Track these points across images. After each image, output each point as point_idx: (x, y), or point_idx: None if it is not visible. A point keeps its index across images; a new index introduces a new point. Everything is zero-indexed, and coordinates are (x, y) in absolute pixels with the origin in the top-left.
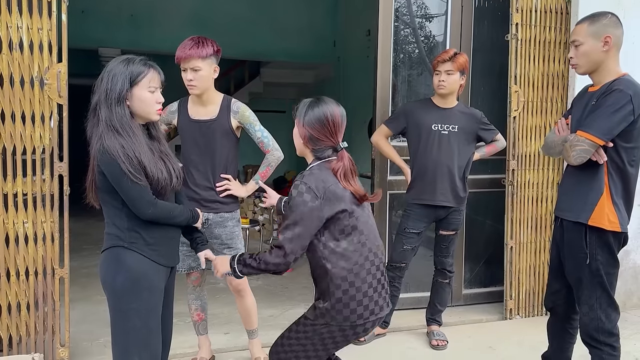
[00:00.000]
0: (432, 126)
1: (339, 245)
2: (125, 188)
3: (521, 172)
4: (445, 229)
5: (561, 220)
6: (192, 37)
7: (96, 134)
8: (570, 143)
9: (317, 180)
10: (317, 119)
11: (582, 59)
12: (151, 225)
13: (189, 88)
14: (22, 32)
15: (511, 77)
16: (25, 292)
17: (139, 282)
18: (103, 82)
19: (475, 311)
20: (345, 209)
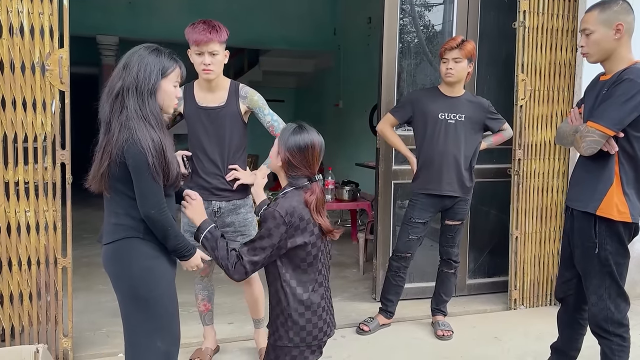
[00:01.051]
0: (439, 115)
1: (299, 273)
2: (143, 182)
3: (527, 162)
4: (452, 218)
5: (572, 210)
6: (202, 20)
7: (120, 123)
8: (581, 134)
9: (289, 207)
10: (298, 146)
11: (593, 47)
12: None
13: (205, 73)
14: (22, 17)
15: (518, 65)
16: (28, 282)
17: (158, 270)
18: (132, 69)
19: (480, 301)
20: (309, 242)
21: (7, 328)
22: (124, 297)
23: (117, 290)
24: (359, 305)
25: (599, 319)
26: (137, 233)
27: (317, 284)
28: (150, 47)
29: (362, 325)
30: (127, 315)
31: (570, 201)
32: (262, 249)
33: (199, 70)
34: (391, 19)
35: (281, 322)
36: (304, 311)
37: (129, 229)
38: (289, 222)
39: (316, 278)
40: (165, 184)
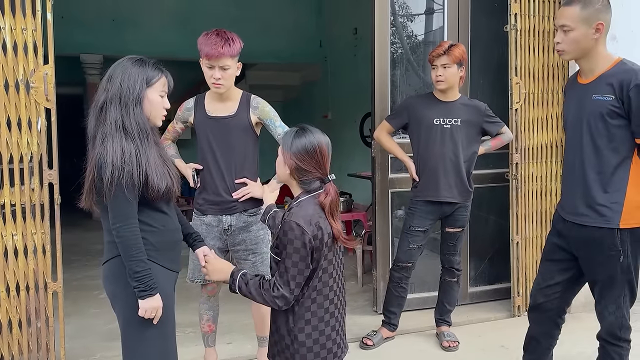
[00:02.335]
0: (434, 120)
1: (307, 288)
2: (108, 194)
3: (525, 166)
4: (452, 226)
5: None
6: (216, 31)
7: (101, 135)
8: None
9: (306, 215)
10: (305, 149)
11: (571, 45)
12: (157, 230)
13: (215, 87)
14: (4, 33)
15: (511, 69)
16: (17, 309)
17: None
18: (115, 80)
19: (483, 309)
20: (323, 255)
21: None
22: (119, 317)
23: (114, 309)
24: (359, 319)
25: (615, 328)
26: None
27: (327, 300)
28: (134, 58)
29: (365, 340)
30: (124, 338)
31: (574, 215)
32: (290, 266)
33: (209, 83)
34: (382, 27)
35: (286, 344)
36: (311, 332)
37: None
38: (311, 232)
39: (327, 294)
40: (150, 197)
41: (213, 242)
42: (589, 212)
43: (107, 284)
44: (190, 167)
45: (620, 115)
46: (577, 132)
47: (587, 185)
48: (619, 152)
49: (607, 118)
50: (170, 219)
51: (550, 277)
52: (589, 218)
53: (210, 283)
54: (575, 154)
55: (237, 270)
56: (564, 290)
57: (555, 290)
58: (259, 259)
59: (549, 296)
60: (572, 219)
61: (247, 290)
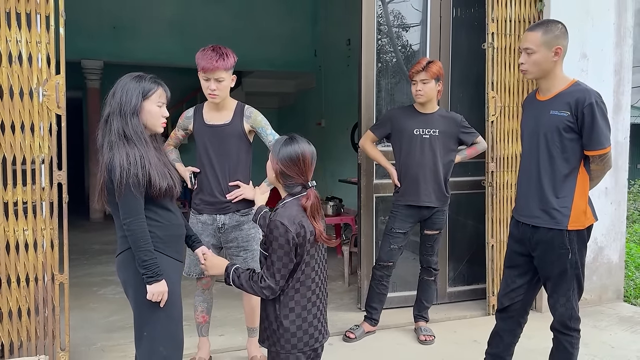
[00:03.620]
0: (414, 131)
1: (292, 280)
2: (117, 193)
3: (500, 174)
4: (430, 228)
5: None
6: (212, 46)
7: (107, 143)
8: (605, 163)
9: (289, 215)
10: (289, 157)
11: (533, 66)
12: (163, 224)
13: (211, 97)
14: (21, 46)
15: (488, 84)
16: (26, 298)
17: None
18: (116, 95)
19: (460, 308)
20: (306, 250)
21: (6, 343)
22: (131, 300)
23: (127, 294)
24: (344, 315)
25: (566, 318)
26: None
27: (310, 291)
28: (133, 74)
29: (348, 333)
30: (135, 320)
31: (529, 217)
32: (275, 260)
33: (206, 93)
34: (369, 40)
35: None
36: (295, 318)
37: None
38: (294, 230)
39: (310, 285)
40: (153, 195)
41: (208, 239)
42: (542, 214)
43: (120, 272)
44: (188, 170)
45: (573, 130)
46: (534, 143)
47: (541, 190)
48: (569, 162)
49: (562, 132)
50: (175, 216)
51: (512, 282)
52: (541, 220)
53: (205, 277)
54: (531, 162)
55: (231, 265)
56: (525, 292)
57: (518, 293)
58: (250, 255)
59: (513, 299)
60: (527, 221)
61: (239, 282)
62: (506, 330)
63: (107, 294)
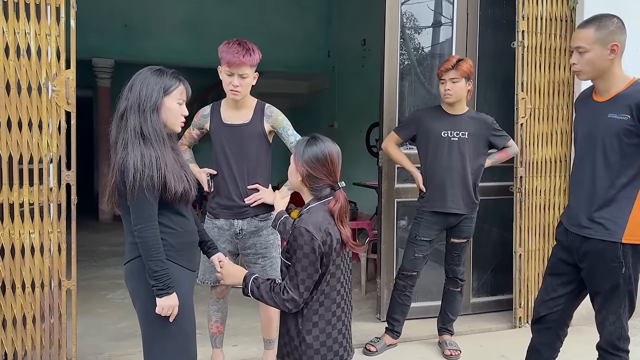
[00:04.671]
0: (442, 133)
1: (316, 292)
2: (130, 196)
3: (529, 179)
4: (457, 236)
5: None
6: (237, 40)
7: (121, 141)
8: None
9: (315, 222)
10: (316, 158)
11: (586, 66)
12: (176, 231)
13: (233, 94)
14: (29, 38)
15: (518, 84)
16: (31, 305)
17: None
18: (135, 89)
19: (484, 320)
20: (332, 260)
21: (9, 353)
22: (140, 314)
23: (135, 305)
24: (363, 326)
25: (614, 338)
26: None
27: (335, 304)
28: (153, 68)
29: (368, 346)
30: (144, 333)
31: (579, 228)
32: (299, 270)
33: (227, 90)
34: (391, 39)
35: (295, 345)
36: (319, 334)
37: None
38: (320, 237)
39: (335, 298)
40: (168, 199)
41: (224, 245)
42: (593, 225)
43: (129, 282)
44: (204, 172)
45: (635, 135)
46: (590, 148)
47: (594, 198)
48: (629, 169)
49: (623, 137)
50: (189, 222)
51: (553, 290)
52: (592, 231)
53: (220, 285)
54: (585, 168)
55: (250, 274)
56: (566, 303)
57: (558, 303)
58: (269, 262)
59: (551, 309)
60: (577, 231)
61: (259, 293)
62: (544, 343)
63: (115, 298)
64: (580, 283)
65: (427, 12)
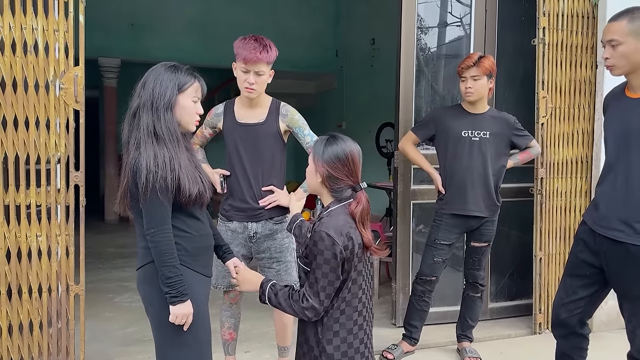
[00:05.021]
0: (462, 132)
1: (336, 300)
2: (142, 198)
3: (550, 181)
4: (478, 240)
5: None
6: (254, 36)
7: (134, 141)
8: None
9: (336, 226)
10: (336, 157)
11: (621, 60)
12: (190, 235)
13: (248, 92)
14: (37, 34)
15: (538, 83)
16: (38, 311)
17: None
18: (148, 86)
19: (503, 325)
20: (353, 266)
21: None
22: (153, 322)
23: (148, 313)
24: (378, 331)
25: None
26: None
27: (356, 312)
28: (167, 64)
29: (385, 353)
30: (157, 342)
31: (609, 230)
32: (320, 277)
33: (242, 87)
34: (408, 37)
35: (314, 356)
36: (340, 344)
37: None
38: (342, 242)
39: (356, 306)
40: (182, 202)
41: (238, 249)
42: (626, 228)
43: (142, 288)
44: (217, 173)
45: None
46: (622, 147)
47: (629, 201)
48: None
49: None
50: (203, 225)
51: (574, 293)
52: (624, 234)
53: (233, 290)
54: (617, 167)
55: (267, 280)
56: (586, 305)
57: (578, 305)
58: (283, 267)
59: (571, 311)
60: (606, 233)
61: (277, 301)
62: (571, 347)
63: (123, 302)
64: (602, 285)
65: (443, 9)
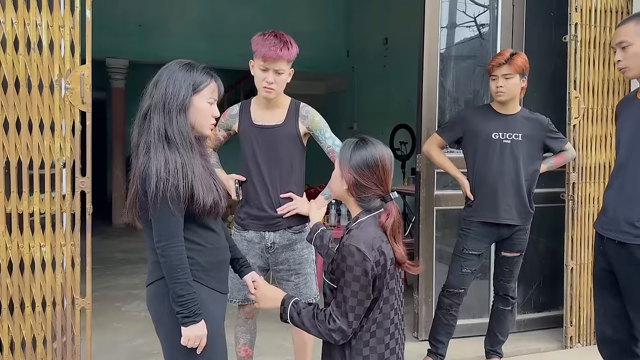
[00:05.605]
0: (492, 135)
1: (366, 320)
2: (152, 208)
3: (582, 186)
4: (509, 250)
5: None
6: (273, 32)
7: (143, 144)
8: None
9: (367, 239)
10: (365, 163)
11: (632, 60)
12: (204, 248)
13: (267, 92)
14: (41, 31)
15: (570, 82)
16: (42, 325)
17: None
18: (161, 85)
19: (531, 339)
20: (386, 278)
21: None
22: (164, 345)
23: (159, 334)
24: None
25: None
26: None
27: (388, 335)
28: (182, 62)
29: None
30: None
31: (616, 233)
32: (349, 296)
33: (260, 86)
34: (431, 35)
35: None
36: (369, 354)
37: None
38: (373, 257)
39: (388, 328)
40: (195, 212)
41: (254, 260)
42: (632, 230)
43: (152, 307)
44: (232, 179)
45: None
46: (635, 151)
47: (636, 202)
48: None
49: None
50: (219, 237)
51: (610, 307)
52: (631, 236)
53: (249, 304)
54: (626, 172)
55: (289, 297)
56: (627, 316)
57: (619, 318)
58: (302, 280)
59: (616, 327)
60: (614, 237)
61: (300, 320)
62: None
63: (131, 311)
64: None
65: (469, 5)
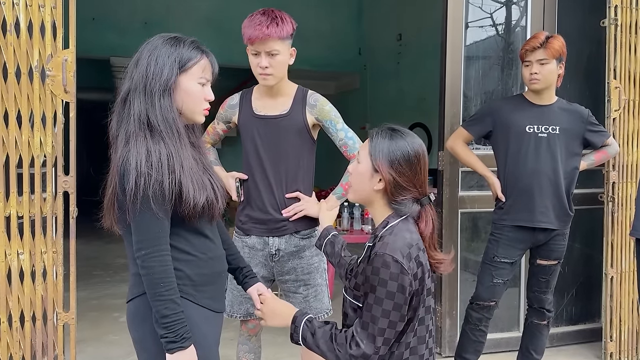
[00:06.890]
0: (527, 128)
1: (398, 344)
2: (131, 210)
3: (623, 186)
4: (546, 257)
5: None
6: (262, 10)
7: (123, 135)
8: None
9: (403, 247)
10: (406, 159)
11: None
12: (195, 259)
13: (262, 78)
14: (18, 11)
15: (610, 71)
16: (20, 344)
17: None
18: (141, 64)
19: (567, 354)
20: (423, 294)
21: None
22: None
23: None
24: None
25: None
26: None
27: (423, 347)
28: (167, 35)
29: None
30: None
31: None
32: (384, 317)
33: (255, 73)
34: (455, 22)
35: None
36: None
37: None
38: (411, 270)
39: (422, 354)
40: (185, 214)
41: (257, 269)
42: None
43: (133, 329)
44: (232, 177)
45: None
46: None
47: None
48: None
49: None
50: (214, 245)
51: None
52: None
53: (252, 319)
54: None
55: (301, 314)
56: None
57: None
58: (312, 292)
59: None
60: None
61: (315, 342)
62: None
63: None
64: None
65: None
